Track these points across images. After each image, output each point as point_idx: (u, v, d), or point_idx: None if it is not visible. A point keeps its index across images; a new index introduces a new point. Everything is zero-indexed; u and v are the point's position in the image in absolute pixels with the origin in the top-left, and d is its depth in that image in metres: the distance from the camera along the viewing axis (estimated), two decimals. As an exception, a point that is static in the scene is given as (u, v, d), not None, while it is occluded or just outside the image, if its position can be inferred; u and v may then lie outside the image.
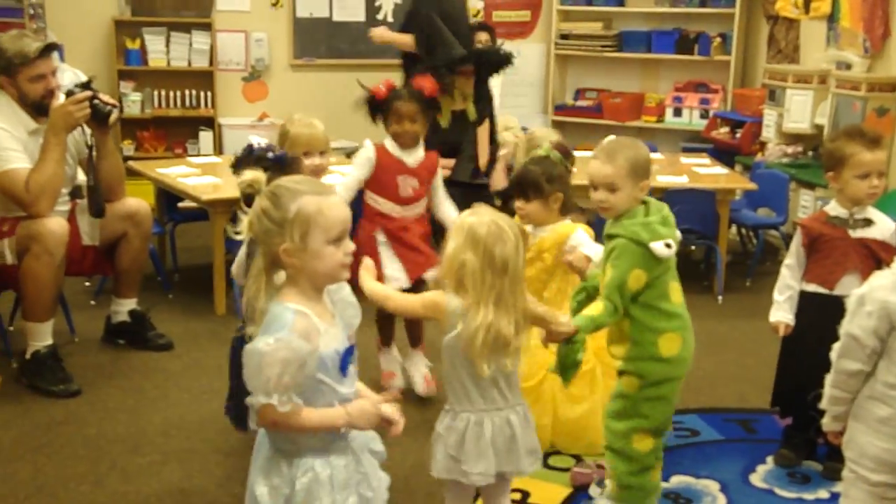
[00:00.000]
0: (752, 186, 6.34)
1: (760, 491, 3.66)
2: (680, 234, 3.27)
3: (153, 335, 5.01)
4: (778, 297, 3.75)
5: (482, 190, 5.60)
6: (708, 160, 6.86)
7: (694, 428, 4.18)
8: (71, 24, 7.67)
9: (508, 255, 2.71)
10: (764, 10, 8.04)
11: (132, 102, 7.96)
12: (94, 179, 4.64)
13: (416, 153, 4.32)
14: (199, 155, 7.57)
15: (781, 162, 6.93)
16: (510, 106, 8.38)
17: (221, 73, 8.28)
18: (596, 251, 3.70)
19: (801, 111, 7.02)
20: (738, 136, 7.68)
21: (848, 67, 6.72)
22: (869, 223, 3.60)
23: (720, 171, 6.58)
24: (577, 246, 3.77)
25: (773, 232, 6.62)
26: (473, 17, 8.64)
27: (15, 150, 4.39)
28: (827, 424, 2.79)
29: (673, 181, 6.05)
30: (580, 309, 3.25)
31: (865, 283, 2.66)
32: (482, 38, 7.63)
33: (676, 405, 3.33)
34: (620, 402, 3.27)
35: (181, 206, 6.10)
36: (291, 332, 2.23)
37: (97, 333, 5.10)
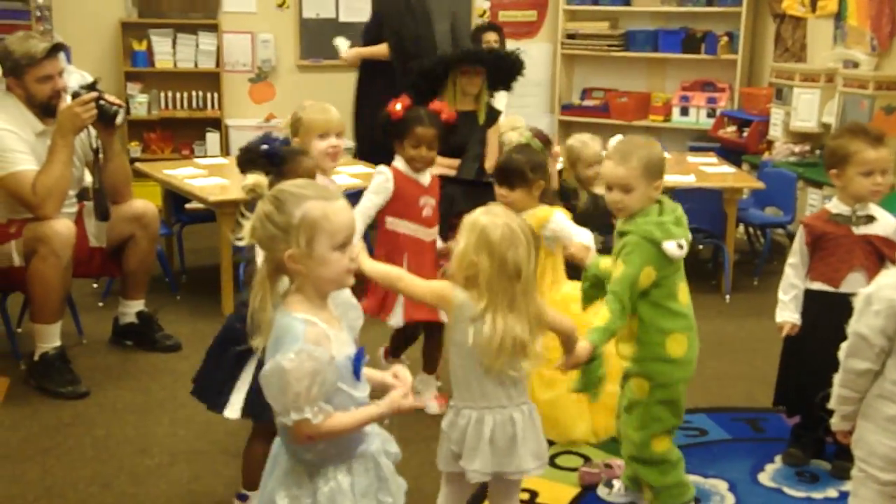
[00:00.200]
0: (759, 185, 6.33)
1: (769, 490, 3.65)
2: (690, 234, 3.28)
3: (161, 336, 5.02)
4: (783, 296, 3.75)
5: (486, 189, 5.59)
6: (715, 159, 6.85)
7: (702, 427, 4.17)
8: (78, 25, 7.68)
9: (521, 259, 2.71)
10: (771, 8, 8.03)
11: (139, 104, 7.97)
12: (99, 182, 4.65)
13: (427, 174, 4.24)
14: (205, 156, 7.58)
15: (789, 161, 6.92)
16: (516, 106, 8.35)
17: (228, 74, 8.29)
18: (588, 237, 3.82)
19: (808, 110, 7.00)
20: (745, 134, 7.67)
21: (855, 66, 6.71)
22: (871, 220, 3.60)
23: (727, 170, 6.57)
24: (557, 230, 3.88)
25: (780, 231, 6.62)
26: (480, 17, 8.65)
27: (22, 152, 4.40)
28: (836, 424, 2.78)
29: (680, 180, 6.04)
30: (590, 296, 3.34)
31: (873, 282, 2.66)
32: (490, 38, 7.66)
33: (687, 404, 3.35)
34: (635, 411, 3.30)
35: (188, 207, 6.11)
36: (305, 342, 2.18)
37: (105, 335, 5.11)
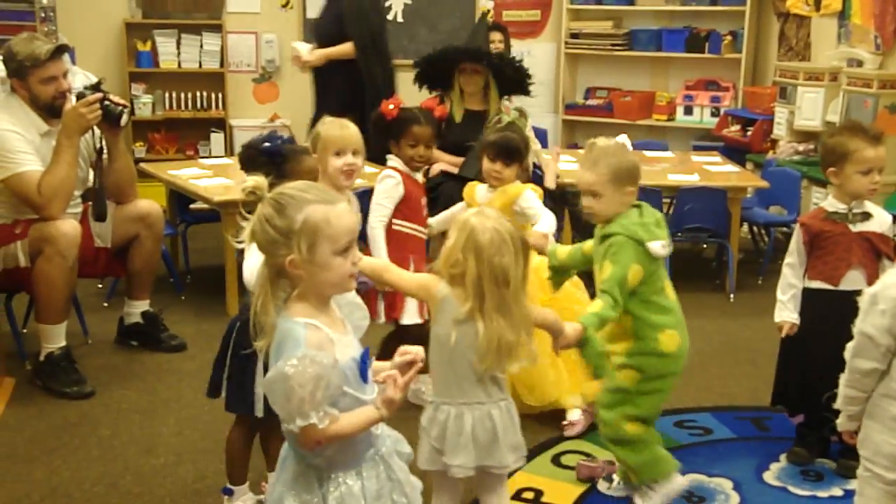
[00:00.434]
0: (763, 184, 6.33)
1: (774, 489, 3.65)
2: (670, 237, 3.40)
3: (166, 336, 5.03)
4: (781, 296, 3.73)
5: None
6: (719, 158, 6.85)
7: (707, 426, 4.17)
8: (82, 26, 7.69)
9: (508, 266, 2.74)
10: (774, 7, 8.02)
11: (143, 104, 7.98)
12: (98, 182, 4.66)
13: (419, 173, 4.28)
14: (210, 156, 7.58)
15: (793, 159, 6.91)
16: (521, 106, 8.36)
17: (232, 74, 8.30)
18: (549, 225, 3.88)
19: (812, 108, 6.99)
20: (749, 133, 7.66)
21: (859, 64, 6.70)
22: (868, 216, 3.61)
23: (731, 169, 6.56)
24: (525, 208, 3.98)
25: (784, 230, 6.60)
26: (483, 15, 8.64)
27: (27, 152, 4.41)
28: (842, 424, 2.78)
29: (684, 179, 6.04)
30: (556, 281, 3.56)
31: (878, 281, 2.65)
32: (495, 38, 7.65)
33: (688, 403, 3.36)
34: (617, 394, 3.36)
35: (193, 207, 6.12)
36: (307, 347, 2.15)
37: (110, 335, 5.12)
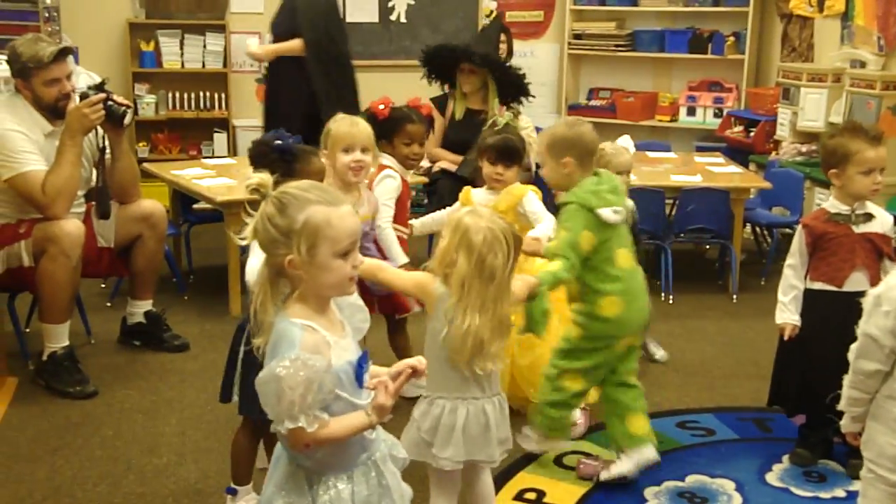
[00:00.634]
0: (766, 185, 6.32)
1: (776, 490, 3.65)
2: (632, 203, 3.70)
3: (169, 336, 5.03)
4: (783, 297, 3.73)
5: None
6: (722, 159, 6.85)
7: (709, 427, 4.17)
8: (85, 26, 7.69)
9: (498, 265, 2.80)
10: (778, 8, 8.02)
11: (147, 104, 7.98)
12: (102, 181, 4.67)
13: (409, 173, 4.30)
14: (213, 156, 7.58)
15: (796, 160, 6.91)
16: (523, 106, 8.36)
17: (235, 74, 8.29)
18: (547, 228, 3.93)
19: (815, 110, 6.98)
20: (752, 134, 7.66)
21: (862, 66, 6.70)
22: (870, 217, 3.62)
23: (734, 169, 6.56)
24: (528, 210, 4.05)
25: (787, 230, 6.60)
26: (487, 17, 8.65)
27: (31, 152, 4.42)
28: (846, 426, 2.78)
29: (687, 180, 6.04)
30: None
31: (882, 282, 2.65)
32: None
33: (690, 404, 3.35)
34: (564, 343, 3.63)
35: (196, 207, 6.13)
36: (302, 349, 2.13)
37: (113, 335, 5.12)
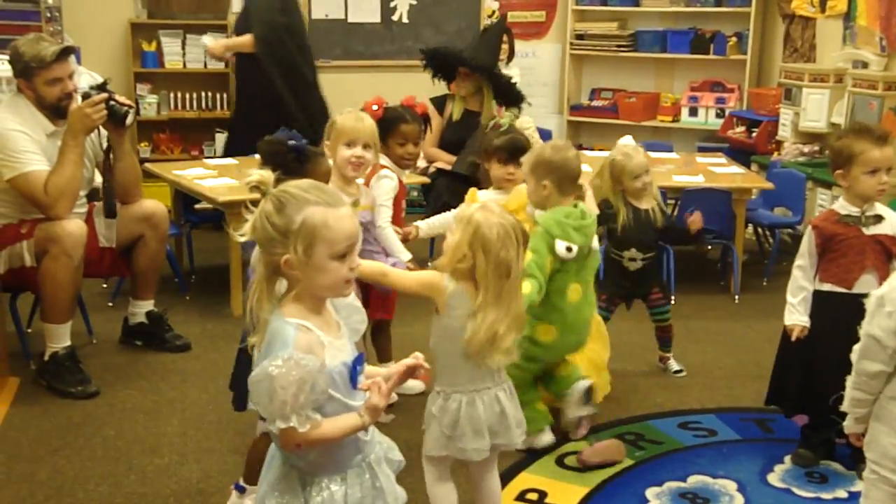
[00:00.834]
0: (768, 186, 6.32)
1: (778, 490, 3.65)
2: (597, 244, 3.78)
3: (170, 336, 5.03)
4: (792, 299, 3.72)
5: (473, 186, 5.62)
6: (724, 160, 6.84)
7: (711, 428, 4.17)
8: (87, 26, 7.68)
9: (511, 259, 2.85)
10: (780, 8, 8.01)
11: (148, 104, 7.97)
12: (107, 180, 4.67)
13: (404, 173, 4.30)
14: (214, 157, 7.57)
15: (798, 161, 6.91)
16: (525, 107, 8.36)
17: (237, 74, 8.29)
18: None
19: (817, 110, 6.99)
20: (754, 135, 7.66)
21: (864, 66, 6.70)
22: (880, 219, 3.60)
23: (736, 170, 6.56)
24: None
25: (789, 231, 6.61)
26: (489, 17, 8.65)
27: (33, 152, 4.42)
28: (849, 427, 2.77)
29: (689, 181, 6.04)
30: None
31: (885, 283, 2.64)
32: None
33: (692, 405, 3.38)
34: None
35: (198, 207, 6.12)
36: (295, 349, 2.13)
37: (115, 335, 5.12)
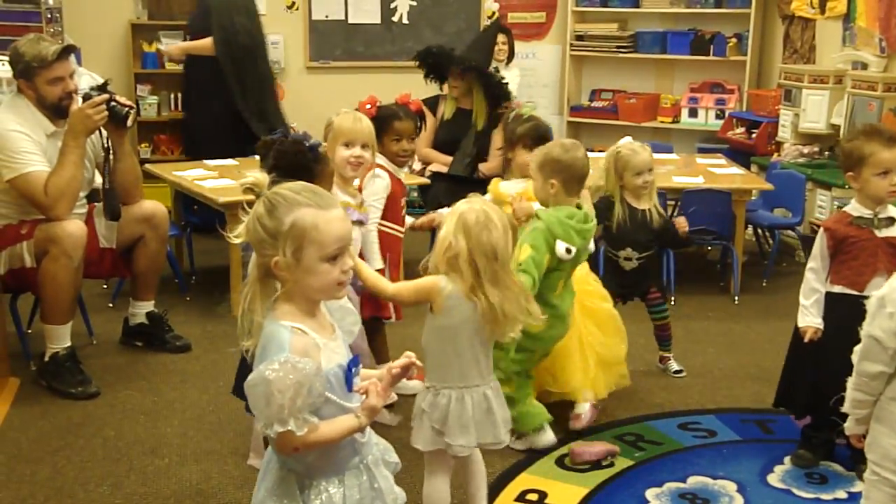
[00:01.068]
0: (768, 187, 6.32)
1: (778, 491, 3.65)
2: (593, 246, 3.86)
3: (171, 337, 5.03)
4: (804, 301, 3.70)
5: (471, 187, 5.62)
6: (724, 161, 6.84)
7: (711, 428, 4.17)
8: (88, 27, 7.69)
9: (496, 241, 2.93)
10: (779, 9, 8.02)
11: (149, 105, 7.97)
12: (109, 182, 4.67)
13: (403, 171, 4.31)
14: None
15: (797, 162, 6.91)
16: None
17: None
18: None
19: (817, 111, 6.99)
20: (753, 136, 7.66)
21: (864, 67, 6.70)
22: (892, 221, 3.58)
23: (736, 171, 6.56)
24: None
25: (789, 232, 6.61)
26: (489, 18, 8.66)
27: (34, 153, 4.42)
28: (850, 428, 2.77)
29: (689, 182, 6.04)
30: None
31: (886, 284, 2.64)
32: (499, 39, 7.68)
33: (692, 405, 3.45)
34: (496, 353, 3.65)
35: (198, 208, 6.12)
36: (291, 352, 2.12)
37: (115, 335, 5.12)
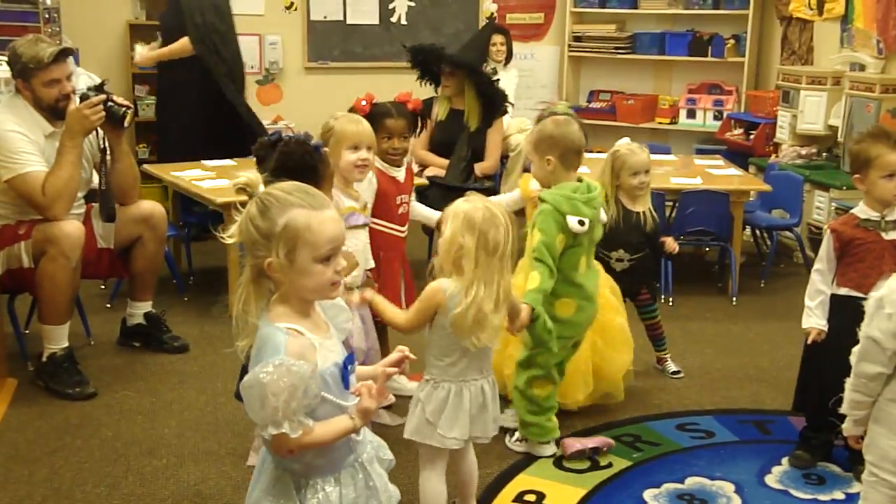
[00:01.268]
0: (765, 188, 6.33)
1: (776, 492, 3.65)
2: (605, 216, 3.82)
3: (168, 338, 5.03)
4: (809, 302, 3.69)
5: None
6: (722, 162, 6.85)
7: (709, 429, 4.17)
8: (86, 27, 7.68)
9: (500, 238, 2.96)
10: (777, 11, 8.02)
11: (146, 106, 7.96)
12: (105, 183, 4.67)
13: (402, 170, 4.28)
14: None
15: (795, 163, 6.92)
16: (524, 108, 8.38)
17: (235, 76, 8.28)
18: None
19: (814, 112, 7.00)
20: (751, 137, 7.67)
21: (862, 69, 6.71)
22: None
23: (734, 172, 6.56)
24: None
25: (787, 233, 6.61)
26: (487, 19, 8.66)
27: (31, 153, 4.41)
28: (847, 429, 2.78)
29: (687, 183, 6.04)
30: None
31: (885, 285, 2.63)
32: (497, 40, 7.70)
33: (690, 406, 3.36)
34: (524, 351, 3.78)
35: (196, 209, 6.11)
36: (287, 355, 2.12)
37: (113, 336, 5.12)
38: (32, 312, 4.96)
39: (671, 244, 4.61)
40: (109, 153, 4.66)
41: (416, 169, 6.36)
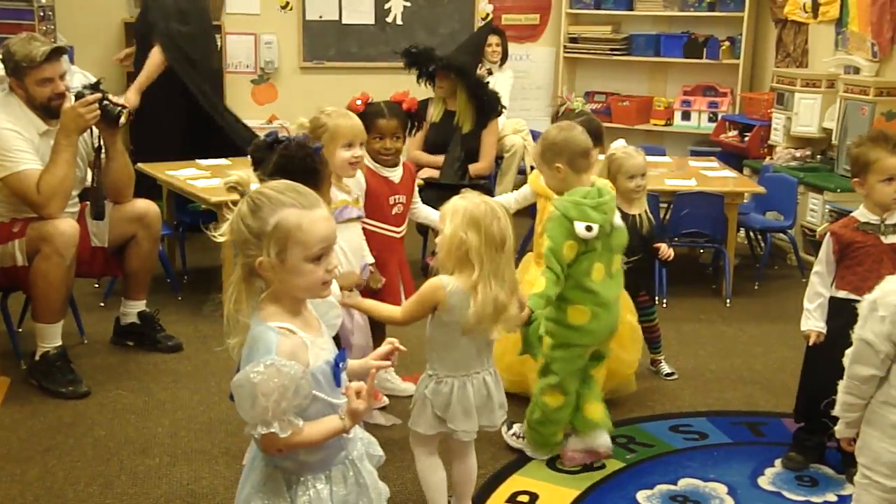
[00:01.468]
0: (760, 190, 6.33)
1: (769, 494, 3.65)
2: (620, 221, 3.72)
3: (162, 337, 5.02)
4: (808, 305, 3.68)
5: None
6: (716, 163, 6.85)
7: (702, 431, 4.17)
8: (81, 26, 7.67)
9: (504, 230, 2.98)
10: (772, 13, 8.03)
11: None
12: (96, 181, 4.66)
13: (398, 169, 4.25)
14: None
15: (790, 165, 6.92)
16: (519, 109, 8.39)
17: (230, 75, 8.27)
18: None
19: (809, 115, 7.01)
20: (746, 139, 7.67)
21: (856, 71, 6.72)
22: None
23: (728, 174, 6.55)
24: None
25: (781, 235, 6.62)
26: (483, 19, 8.66)
27: (26, 151, 4.41)
28: (840, 431, 2.78)
29: (681, 184, 6.05)
30: None
31: (878, 287, 2.64)
32: (493, 41, 7.70)
33: (683, 408, 3.36)
34: (542, 360, 3.76)
35: (191, 207, 6.10)
36: (279, 355, 2.11)
37: (106, 335, 5.11)
38: (26, 311, 4.94)
39: (665, 251, 4.56)
40: (104, 152, 4.66)
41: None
